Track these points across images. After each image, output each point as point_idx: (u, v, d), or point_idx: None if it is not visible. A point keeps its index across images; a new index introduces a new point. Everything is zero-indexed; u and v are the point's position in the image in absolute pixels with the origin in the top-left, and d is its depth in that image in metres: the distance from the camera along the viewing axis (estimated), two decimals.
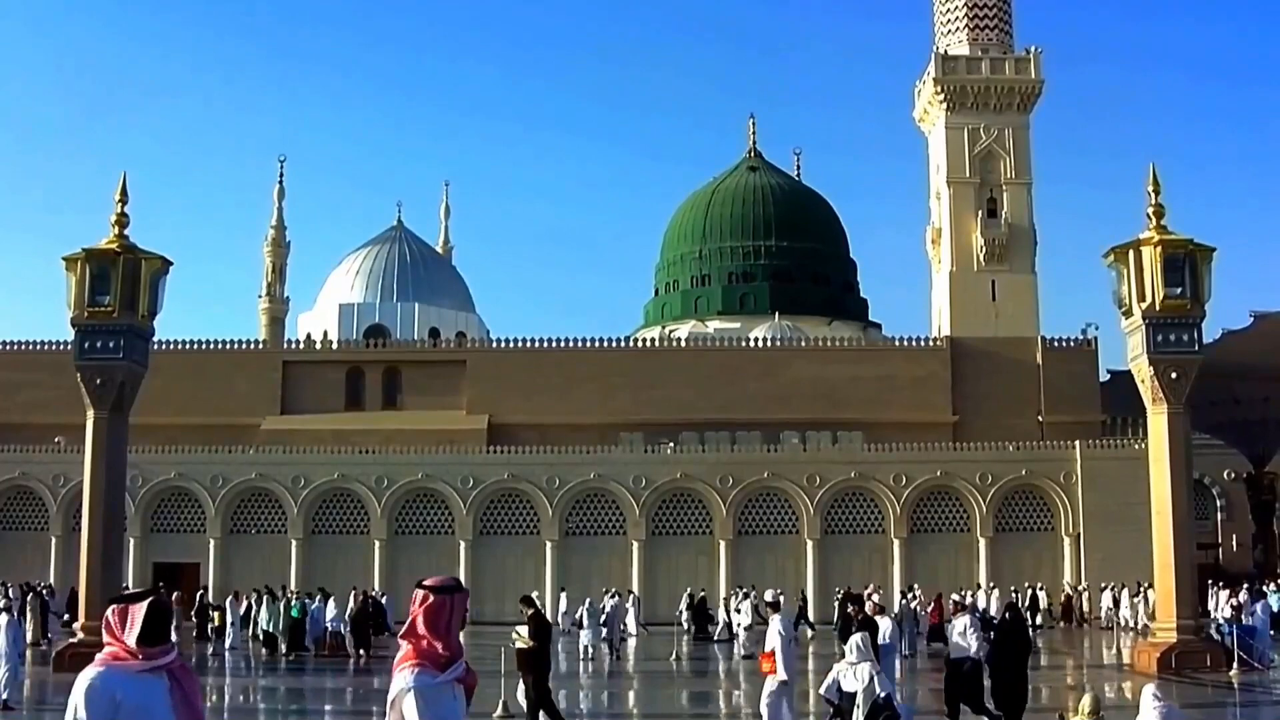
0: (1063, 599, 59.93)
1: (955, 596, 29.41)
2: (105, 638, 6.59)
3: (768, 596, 21.89)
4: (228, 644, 43.27)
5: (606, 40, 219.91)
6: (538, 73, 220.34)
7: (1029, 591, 56.65)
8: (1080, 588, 60.87)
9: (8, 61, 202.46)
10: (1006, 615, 23.43)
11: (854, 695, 17.56)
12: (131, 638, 6.48)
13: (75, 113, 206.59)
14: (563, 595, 56.79)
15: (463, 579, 60.06)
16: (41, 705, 27.52)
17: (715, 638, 49.56)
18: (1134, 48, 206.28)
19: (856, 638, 18.36)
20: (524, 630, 21.71)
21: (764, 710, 19.04)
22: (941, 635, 49.02)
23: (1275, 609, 41.98)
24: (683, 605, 55.02)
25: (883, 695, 17.25)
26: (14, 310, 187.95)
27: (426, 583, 6.96)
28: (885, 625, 23.45)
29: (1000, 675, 21.49)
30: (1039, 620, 54.41)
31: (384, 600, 48.71)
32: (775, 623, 19.72)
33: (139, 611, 6.52)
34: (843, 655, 19.22)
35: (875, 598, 34.47)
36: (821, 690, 19.12)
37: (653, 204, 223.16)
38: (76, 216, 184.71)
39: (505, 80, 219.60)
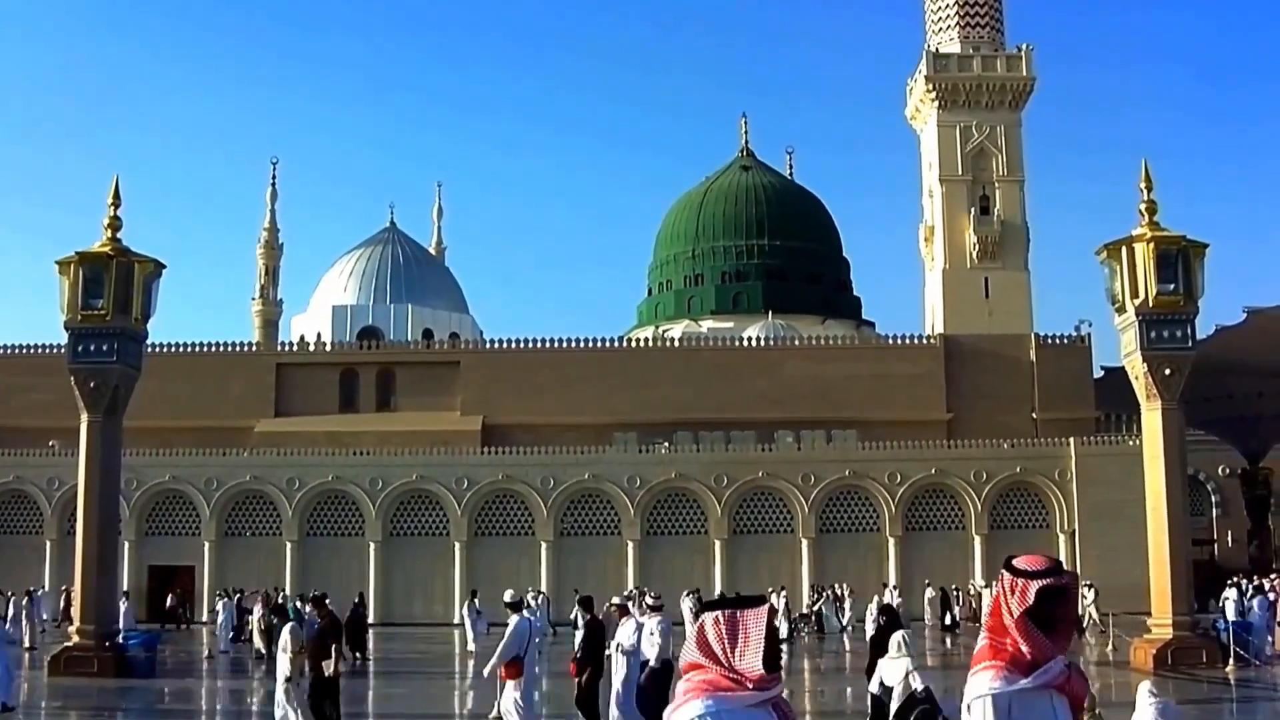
0: (971, 596, 59.04)
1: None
2: (697, 655, 4.88)
3: (537, 593, 20.68)
4: (220, 647, 43.20)
5: (598, 40, 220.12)
6: (530, 73, 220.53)
7: (934, 591, 56.53)
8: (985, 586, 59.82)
9: (0, 63, 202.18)
10: (882, 620, 21.35)
11: (892, 689, 17.60)
12: (752, 661, 4.80)
13: (68, 115, 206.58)
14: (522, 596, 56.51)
15: (458, 580, 60.34)
16: (37, 710, 27.49)
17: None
18: (1125, 44, 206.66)
19: (899, 634, 18.35)
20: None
21: (504, 715, 18.52)
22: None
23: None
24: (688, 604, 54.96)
25: (921, 689, 17.23)
26: (7, 314, 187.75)
27: (1019, 563, 5.43)
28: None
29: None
30: (948, 620, 54.09)
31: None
32: (511, 623, 18.91)
33: (756, 624, 4.87)
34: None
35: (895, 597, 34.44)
36: (872, 688, 18.88)
37: (645, 204, 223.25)
38: (69, 219, 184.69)
39: (497, 81, 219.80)
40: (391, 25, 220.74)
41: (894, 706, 17.21)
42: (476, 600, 47.13)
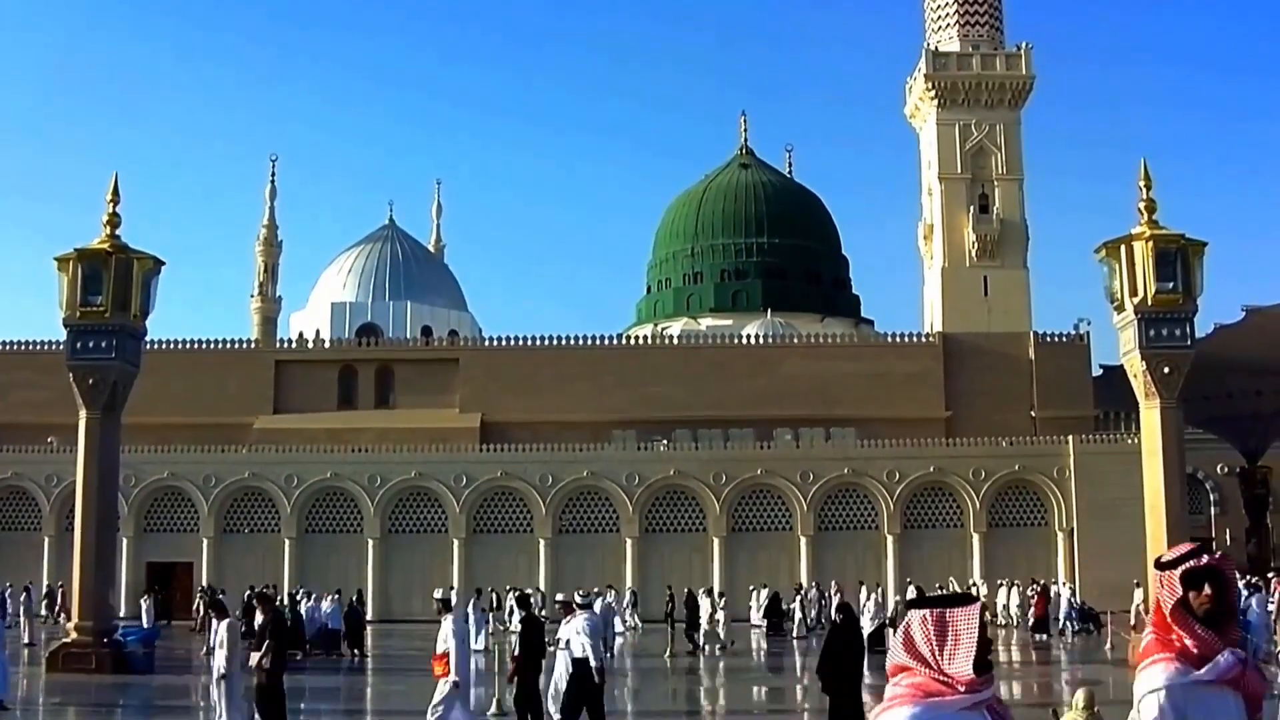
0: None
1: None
2: (904, 657, 4.61)
3: (437, 594, 20.45)
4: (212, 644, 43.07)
5: (598, 37, 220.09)
6: (529, 71, 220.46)
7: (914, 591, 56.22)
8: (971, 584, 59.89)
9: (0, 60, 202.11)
10: (838, 618, 20.76)
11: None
12: (962, 664, 4.51)
13: (67, 112, 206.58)
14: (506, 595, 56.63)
15: (455, 577, 60.29)
16: (34, 706, 27.50)
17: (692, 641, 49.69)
18: (1125, 42, 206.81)
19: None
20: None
21: (431, 715, 18.41)
22: (1045, 626, 49.25)
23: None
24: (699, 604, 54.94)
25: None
26: (6, 310, 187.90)
27: (1164, 557, 5.17)
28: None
29: (834, 686, 19.44)
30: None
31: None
32: (447, 623, 18.82)
33: (966, 624, 4.56)
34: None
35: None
36: None
37: (644, 201, 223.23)
38: (68, 216, 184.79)
39: (496, 78, 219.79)
40: (391, 22, 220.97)
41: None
42: (480, 598, 47.11)
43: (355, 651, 41.49)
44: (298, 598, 46.57)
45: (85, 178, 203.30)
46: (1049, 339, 75.43)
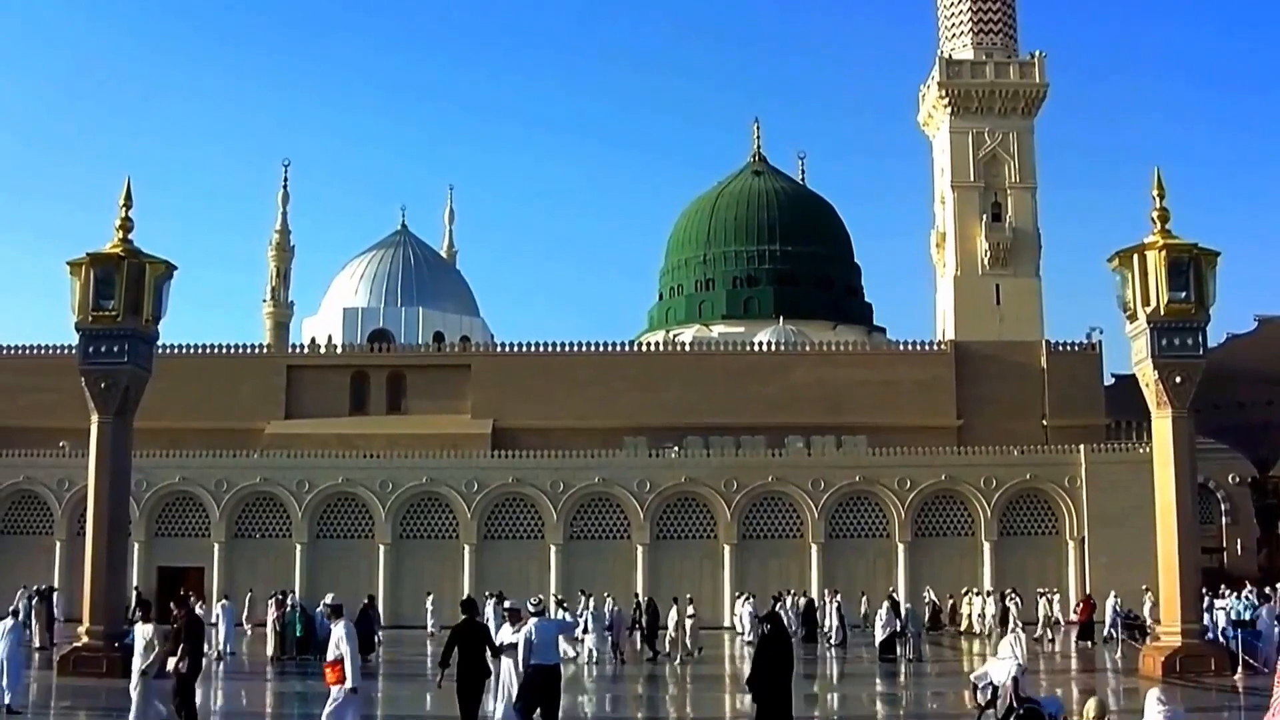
0: (927, 607, 57.10)
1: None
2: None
3: (327, 599, 20.32)
4: (227, 649, 43.01)
5: (611, 44, 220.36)
6: (542, 77, 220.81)
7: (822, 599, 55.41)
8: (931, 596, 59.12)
9: (12, 65, 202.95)
10: (767, 628, 20.62)
11: (998, 688, 18.08)
12: None
13: (80, 117, 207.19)
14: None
15: (467, 584, 60.33)
16: (46, 710, 27.54)
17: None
18: (1138, 51, 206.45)
19: (1010, 637, 18.60)
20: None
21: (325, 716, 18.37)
22: (1090, 634, 49.04)
23: (1243, 615, 41.49)
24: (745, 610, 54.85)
25: (1024, 689, 17.67)
26: (18, 314, 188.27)
27: None
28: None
29: (762, 694, 19.39)
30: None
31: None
32: (340, 629, 18.83)
33: None
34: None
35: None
36: (973, 676, 18.99)
37: (657, 208, 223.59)
38: (81, 221, 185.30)
39: (510, 84, 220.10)
40: (404, 29, 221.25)
41: (1001, 704, 17.63)
42: (505, 603, 46.80)
43: (365, 657, 41.49)
44: (289, 604, 46.32)
45: (98, 182, 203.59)
46: (1061, 348, 75.28)
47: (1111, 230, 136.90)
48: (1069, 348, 75.36)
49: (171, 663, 20.31)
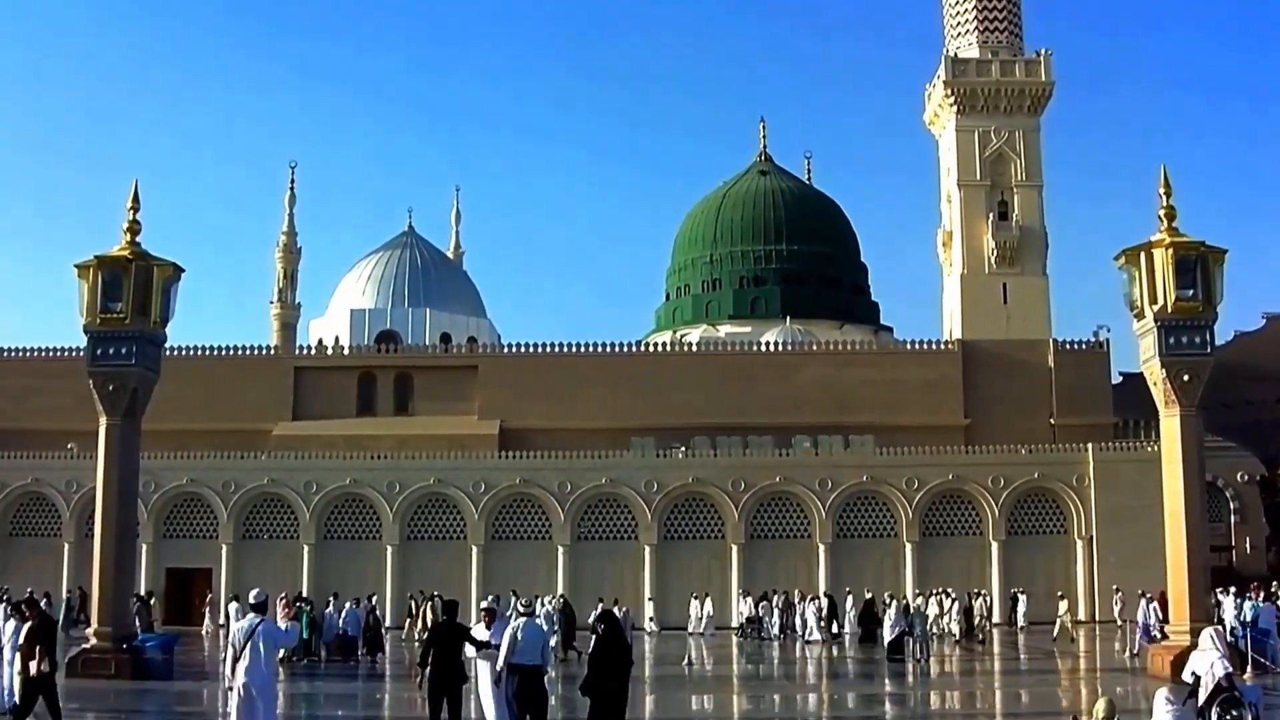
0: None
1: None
2: None
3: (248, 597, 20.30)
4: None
5: (617, 43, 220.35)
6: (549, 76, 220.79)
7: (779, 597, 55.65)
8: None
9: (20, 69, 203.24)
10: (601, 628, 20.45)
11: (1200, 678, 18.39)
12: None
13: (87, 120, 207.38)
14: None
15: (474, 585, 60.37)
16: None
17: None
18: (1144, 49, 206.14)
19: (1210, 630, 19.01)
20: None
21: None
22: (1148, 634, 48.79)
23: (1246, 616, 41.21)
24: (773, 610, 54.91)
25: (1224, 677, 18.05)
26: (27, 317, 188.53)
27: None
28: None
29: (597, 696, 19.24)
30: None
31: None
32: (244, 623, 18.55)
33: None
34: None
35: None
36: (1185, 677, 19.36)
37: (663, 208, 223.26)
38: (89, 223, 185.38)
39: (516, 84, 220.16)
40: (411, 31, 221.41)
41: (1203, 694, 18.04)
42: (518, 602, 46.81)
43: (375, 658, 41.61)
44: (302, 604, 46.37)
45: (106, 185, 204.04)
46: (1068, 346, 75.29)
47: (1118, 228, 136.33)
48: (1076, 346, 75.38)
49: (33, 666, 20.34)
